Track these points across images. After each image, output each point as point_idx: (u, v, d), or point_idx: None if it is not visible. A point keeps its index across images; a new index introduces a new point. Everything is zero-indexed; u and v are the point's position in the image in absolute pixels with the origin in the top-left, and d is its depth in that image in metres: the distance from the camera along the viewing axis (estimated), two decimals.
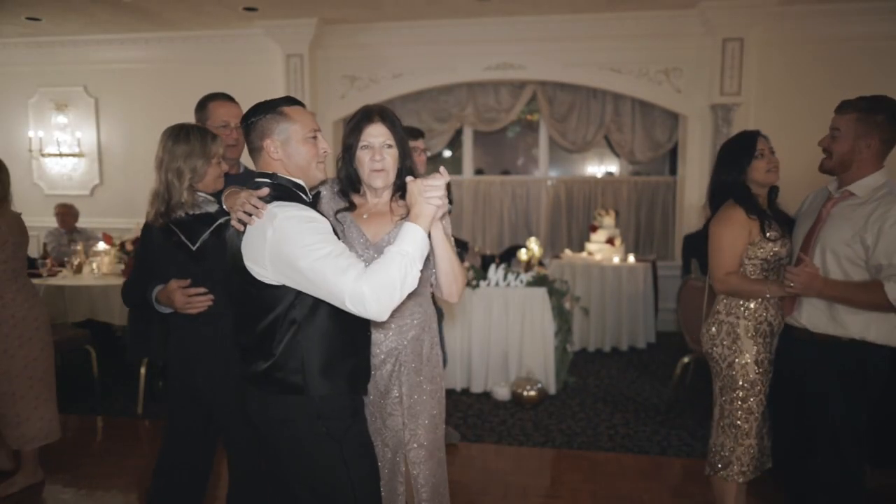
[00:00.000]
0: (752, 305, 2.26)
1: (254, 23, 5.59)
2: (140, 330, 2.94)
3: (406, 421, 1.76)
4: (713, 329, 2.33)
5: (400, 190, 1.71)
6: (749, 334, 2.24)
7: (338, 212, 1.74)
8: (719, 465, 2.33)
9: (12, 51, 6.35)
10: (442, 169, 1.49)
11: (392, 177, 1.71)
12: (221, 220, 1.95)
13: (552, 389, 4.08)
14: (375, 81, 5.86)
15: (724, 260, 2.18)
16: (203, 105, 2.31)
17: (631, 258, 5.28)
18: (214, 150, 2.00)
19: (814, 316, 2.07)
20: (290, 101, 1.58)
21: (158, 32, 5.99)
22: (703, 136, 5.43)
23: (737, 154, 2.26)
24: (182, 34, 6.00)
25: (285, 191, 1.51)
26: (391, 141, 1.68)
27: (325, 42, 5.78)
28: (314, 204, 1.62)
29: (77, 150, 6.39)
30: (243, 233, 1.50)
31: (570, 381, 4.30)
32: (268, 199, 1.47)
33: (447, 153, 6.64)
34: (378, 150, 1.67)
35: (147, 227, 2.05)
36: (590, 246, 5.52)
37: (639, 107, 5.72)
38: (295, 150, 1.54)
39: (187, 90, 2.50)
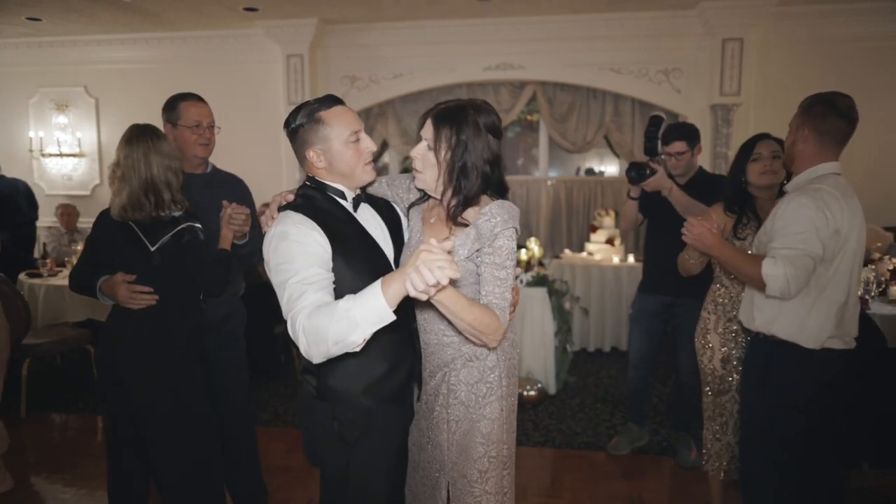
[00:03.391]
0: (720, 301, 2.34)
1: (254, 23, 5.59)
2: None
3: (450, 449, 1.59)
4: (697, 324, 2.42)
5: (461, 203, 1.50)
6: (718, 330, 2.32)
7: (411, 205, 1.68)
8: (703, 460, 2.42)
9: (13, 51, 6.35)
10: (447, 243, 1.20)
11: (430, 182, 1.53)
12: (183, 226, 1.99)
13: (552, 389, 4.08)
14: (375, 81, 5.86)
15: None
16: (173, 105, 2.30)
17: (631, 258, 5.28)
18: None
19: (743, 310, 2.09)
20: (329, 102, 1.50)
21: (159, 32, 5.99)
22: (702, 137, 5.41)
23: (740, 155, 2.33)
24: (182, 34, 6.00)
25: (309, 199, 1.52)
26: (432, 143, 1.50)
27: (325, 42, 5.78)
28: (360, 202, 1.58)
29: (77, 151, 6.40)
30: (202, 239, 1.66)
31: (570, 381, 4.30)
32: (291, 206, 1.50)
33: None
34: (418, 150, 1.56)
35: (103, 218, 2.07)
36: (590, 246, 5.52)
37: (639, 107, 5.72)
38: (337, 156, 1.49)
39: (187, 90, 2.50)
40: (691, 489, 2.91)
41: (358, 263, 1.47)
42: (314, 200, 1.51)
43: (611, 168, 6.58)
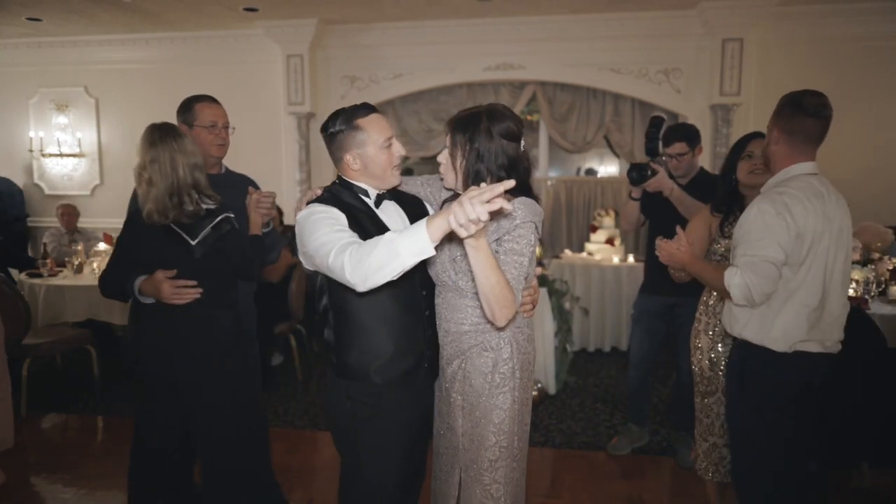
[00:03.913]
0: (709, 301, 2.35)
1: (254, 23, 5.59)
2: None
3: (464, 435, 1.66)
4: (692, 325, 2.45)
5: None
6: (708, 332, 2.34)
7: (444, 200, 1.79)
8: (692, 458, 2.45)
9: (13, 51, 6.35)
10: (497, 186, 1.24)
11: (453, 185, 1.65)
12: (221, 217, 2.03)
13: (552, 389, 4.08)
14: (375, 81, 5.86)
15: None
16: (189, 106, 2.36)
17: (631, 258, 5.28)
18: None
19: (724, 314, 2.09)
20: (366, 110, 1.63)
21: (159, 33, 5.99)
22: (702, 137, 5.41)
23: (732, 152, 2.34)
24: (182, 34, 6.00)
25: (335, 194, 1.65)
26: (450, 150, 1.61)
27: (325, 42, 5.78)
28: (382, 200, 1.69)
29: (78, 151, 6.40)
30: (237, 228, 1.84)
31: (569, 381, 4.30)
32: (317, 199, 1.63)
33: None
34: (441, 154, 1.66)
35: (135, 220, 2.08)
36: (590, 246, 5.52)
37: (639, 107, 5.72)
38: (372, 160, 1.63)
39: (187, 90, 2.50)
40: (691, 489, 2.91)
41: None
42: (340, 195, 1.65)
43: (611, 168, 6.58)
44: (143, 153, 2.01)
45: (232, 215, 2.11)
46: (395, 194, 1.75)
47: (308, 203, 1.63)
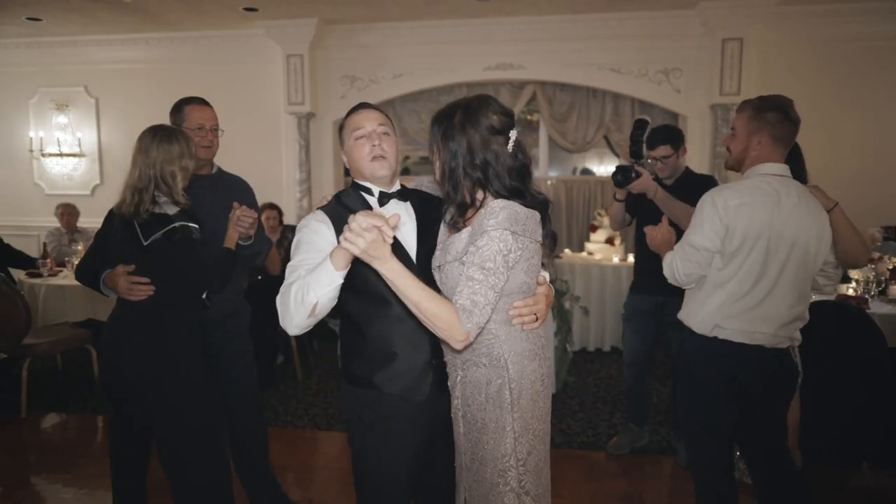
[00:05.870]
0: None
1: (254, 23, 5.59)
2: None
3: (465, 453, 1.56)
4: None
5: (457, 210, 1.49)
6: None
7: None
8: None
9: (13, 51, 6.35)
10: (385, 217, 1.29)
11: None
12: (175, 224, 2.05)
13: (552, 389, 4.08)
14: (375, 81, 5.86)
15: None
16: (179, 108, 2.39)
17: (630, 258, 5.27)
18: (193, 150, 2.16)
19: None
20: (354, 108, 1.64)
21: (158, 32, 5.99)
22: (702, 137, 5.43)
23: None
24: (182, 34, 6.00)
25: (338, 198, 1.66)
26: (429, 142, 1.55)
27: (325, 42, 5.78)
28: (387, 199, 1.64)
29: (78, 150, 6.40)
30: (196, 238, 1.99)
31: (569, 381, 4.30)
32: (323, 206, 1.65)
33: None
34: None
35: (111, 215, 2.15)
36: (590, 246, 5.52)
37: (639, 107, 5.72)
38: (350, 154, 1.63)
39: (187, 90, 2.49)
40: (691, 489, 2.90)
41: None
42: (341, 198, 1.65)
43: (611, 168, 6.56)
44: (166, 150, 2.09)
45: (193, 224, 2.07)
46: (413, 194, 1.68)
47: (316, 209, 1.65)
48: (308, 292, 1.36)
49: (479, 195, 1.47)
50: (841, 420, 2.85)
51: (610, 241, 5.40)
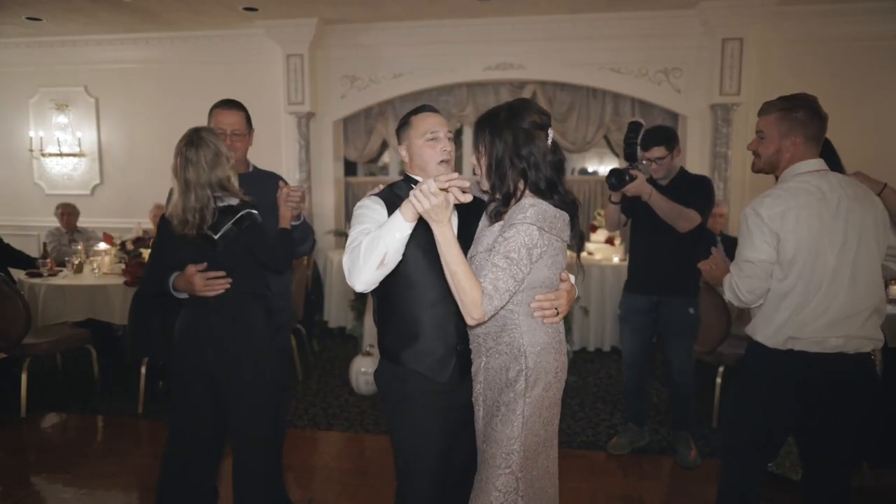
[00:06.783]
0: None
1: (254, 23, 5.59)
2: (142, 329, 2.98)
3: (479, 433, 1.66)
4: None
5: (501, 202, 1.62)
6: None
7: (486, 206, 1.83)
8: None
9: (13, 51, 6.35)
10: (443, 177, 1.43)
11: (485, 184, 1.66)
12: (242, 213, 2.09)
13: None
14: (375, 81, 5.86)
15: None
16: (210, 111, 2.44)
17: None
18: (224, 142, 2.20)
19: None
20: (421, 109, 1.79)
21: (158, 32, 5.99)
22: (702, 136, 5.43)
23: None
24: (182, 34, 6.00)
25: (390, 186, 1.80)
26: (473, 144, 1.68)
27: (325, 42, 5.78)
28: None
29: (77, 150, 6.40)
30: (261, 223, 2.10)
31: (570, 381, 4.28)
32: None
33: None
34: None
35: (166, 223, 2.15)
36: (589, 246, 5.52)
37: (639, 107, 5.72)
38: (416, 153, 1.77)
39: (187, 90, 2.49)
40: (691, 489, 2.91)
41: (418, 239, 1.61)
42: (393, 186, 1.80)
43: (611, 168, 6.57)
44: (210, 162, 2.09)
45: (255, 211, 2.13)
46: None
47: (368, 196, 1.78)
48: (378, 243, 1.51)
49: (521, 186, 1.60)
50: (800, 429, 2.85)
51: (610, 240, 5.40)
